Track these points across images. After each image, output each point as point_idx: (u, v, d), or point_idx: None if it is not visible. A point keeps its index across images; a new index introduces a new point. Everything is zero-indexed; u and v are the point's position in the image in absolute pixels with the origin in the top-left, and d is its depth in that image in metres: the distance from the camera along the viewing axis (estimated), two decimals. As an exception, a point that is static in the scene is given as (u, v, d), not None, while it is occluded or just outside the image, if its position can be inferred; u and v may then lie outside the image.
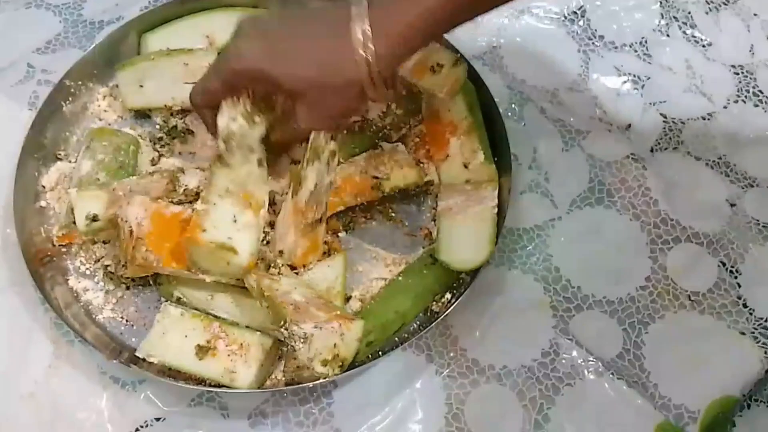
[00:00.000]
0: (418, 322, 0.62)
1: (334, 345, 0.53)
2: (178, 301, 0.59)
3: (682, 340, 0.63)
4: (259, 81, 0.54)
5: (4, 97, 0.72)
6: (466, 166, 0.65)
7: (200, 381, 0.56)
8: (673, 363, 0.62)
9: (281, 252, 0.59)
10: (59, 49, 0.76)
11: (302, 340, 0.53)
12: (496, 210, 0.63)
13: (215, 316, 0.58)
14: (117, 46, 0.72)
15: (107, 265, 0.62)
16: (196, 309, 0.59)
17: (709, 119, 0.75)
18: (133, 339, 0.59)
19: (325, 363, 0.53)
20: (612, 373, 0.61)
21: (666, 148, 0.73)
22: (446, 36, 0.70)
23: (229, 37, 0.55)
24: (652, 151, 0.73)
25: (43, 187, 0.65)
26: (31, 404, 0.57)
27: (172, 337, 0.57)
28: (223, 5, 0.74)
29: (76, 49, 0.76)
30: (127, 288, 0.62)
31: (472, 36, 0.79)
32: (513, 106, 0.74)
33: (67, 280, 0.62)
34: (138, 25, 0.72)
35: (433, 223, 0.66)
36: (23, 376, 0.58)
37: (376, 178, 0.65)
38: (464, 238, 0.63)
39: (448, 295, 0.62)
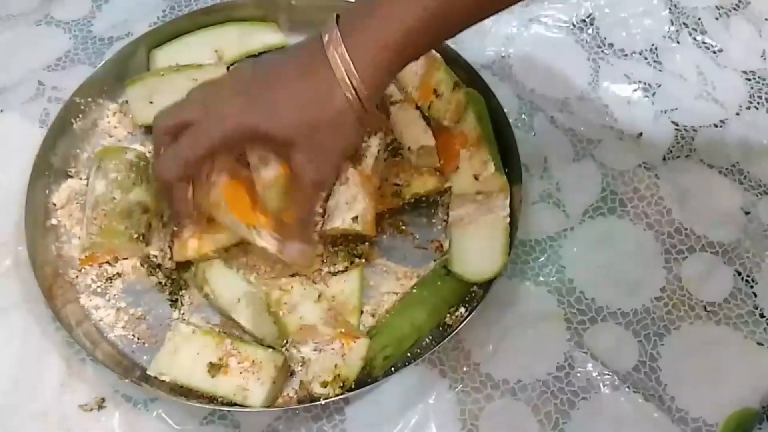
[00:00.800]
0: (430, 337, 0.61)
1: (335, 366, 0.53)
2: (206, 297, 0.60)
3: (698, 352, 0.62)
4: (251, 140, 0.53)
5: (15, 114, 0.72)
6: (476, 178, 0.65)
7: (212, 399, 0.56)
8: (690, 375, 0.61)
9: (355, 218, 0.58)
10: (69, 66, 0.77)
11: (300, 363, 0.52)
12: (508, 219, 0.63)
13: (226, 333, 0.58)
14: (126, 63, 0.72)
15: (153, 256, 0.62)
16: (219, 312, 0.60)
17: (721, 126, 0.75)
18: (145, 357, 0.59)
19: (324, 384, 0.53)
20: (628, 386, 0.60)
21: (678, 156, 0.73)
22: (454, 47, 0.70)
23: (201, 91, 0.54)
24: (664, 159, 0.72)
25: (54, 204, 0.65)
26: (44, 423, 0.57)
27: (183, 354, 0.56)
28: (231, 20, 0.74)
29: (86, 66, 0.76)
30: (162, 283, 0.62)
31: (480, 46, 0.78)
32: (523, 116, 0.74)
33: (78, 297, 0.62)
34: (147, 41, 0.73)
35: (444, 235, 0.66)
36: (35, 394, 0.58)
37: (397, 185, 0.64)
38: (477, 249, 0.62)
39: (462, 309, 0.62)
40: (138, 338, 0.60)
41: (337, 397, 0.54)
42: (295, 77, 0.52)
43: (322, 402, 0.54)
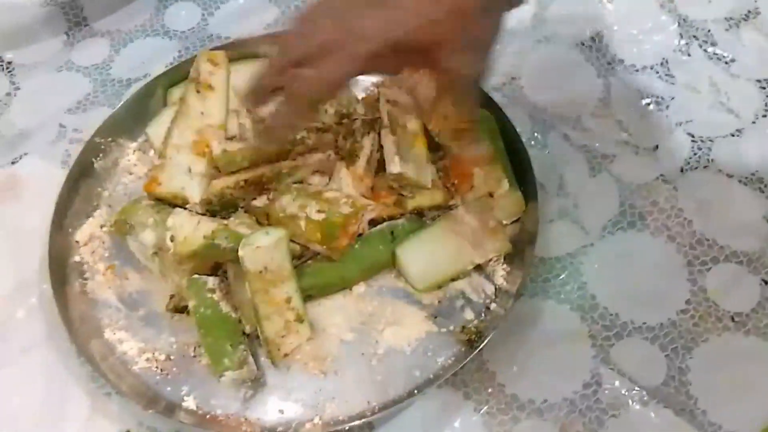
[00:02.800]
0: (453, 358, 0.61)
1: None
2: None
3: (728, 364, 0.61)
4: (400, 51, 0.49)
5: (38, 157, 0.74)
6: (491, 195, 0.65)
7: (239, 428, 0.56)
8: (720, 388, 0.59)
9: None
10: (90, 108, 0.79)
11: None
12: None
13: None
14: (144, 102, 0.74)
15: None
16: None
17: (738, 135, 0.74)
18: (168, 389, 0.59)
19: None
20: (658, 402, 0.59)
21: (696, 168, 0.72)
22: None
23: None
24: (682, 171, 0.72)
25: (77, 242, 0.67)
26: (70, 458, 0.57)
27: None
28: (245, 57, 0.75)
29: (106, 108, 0.78)
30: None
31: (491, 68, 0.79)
32: (536, 134, 0.74)
33: (103, 332, 0.62)
34: (164, 80, 0.75)
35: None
36: (61, 429, 0.58)
37: (402, 195, 0.65)
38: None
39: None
40: (162, 370, 0.60)
41: (361, 421, 0.53)
42: None
43: (346, 427, 0.53)
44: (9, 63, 0.83)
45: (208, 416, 0.57)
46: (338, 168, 0.61)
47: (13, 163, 0.74)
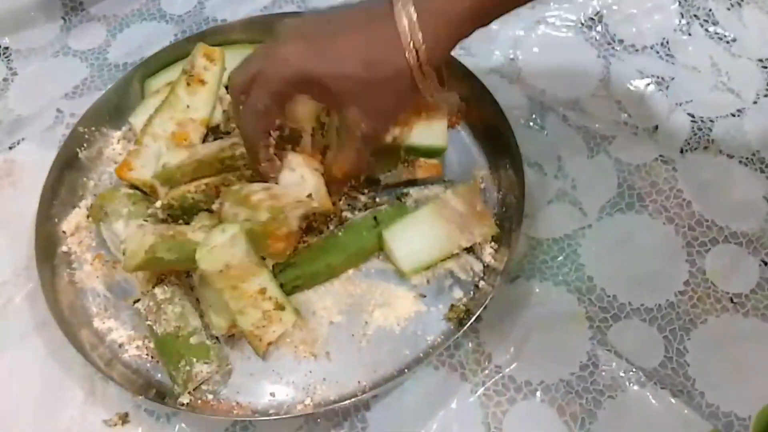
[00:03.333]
0: (442, 336, 0.61)
1: None
2: None
3: (726, 345, 0.60)
4: (307, 87, 0.52)
5: (35, 142, 0.74)
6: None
7: (231, 412, 0.56)
8: (719, 369, 0.59)
9: (309, 195, 0.59)
10: (86, 93, 0.79)
11: None
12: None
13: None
14: (126, 91, 0.74)
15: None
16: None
17: (739, 116, 0.73)
18: (159, 375, 0.60)
19: None
20: (655, 383, 0.59)
21: (696, 148, 0.71)
22: (459, 52, 0.70)
23: (266, 44, 0.54)
24: (681, 152, 0.71)
25: (64, 232, 0.66)
26: (69, 441, 0.58)
27: None
28: (220, 44, 0.73)
29: (102, 92, 0.78)
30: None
31: (487, 50, 0.78)
32: (534, 116, 0.73)
33: (92, 321, 0.62)
34: (141, 70, 0.74)
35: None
36: (59, 412, 0.59)
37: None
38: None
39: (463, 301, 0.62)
40: (152, 357, 0.60)
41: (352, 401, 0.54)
42: (357, 29, 0.51)
43: (337, 408, 0.53)
44: (6, 48, 0.83)
45: (200, 401, 0.57)
46: (284, 155, 0.60)
47: (10, 148, 0.74)
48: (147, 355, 0.61)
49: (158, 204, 0.63)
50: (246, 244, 0.56)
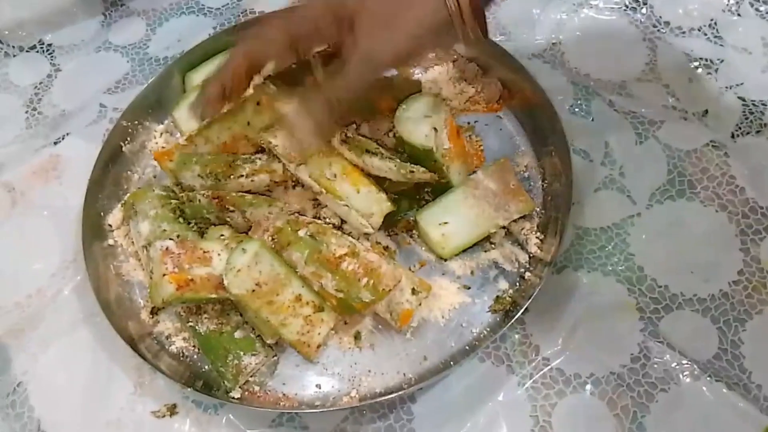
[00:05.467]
0: (488, 328, 0.60)
1: None
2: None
3: (784, 336, 0.58)
4: (324, 14, 0.52)
5: (79, 138, 0.75)
6: None
7: (277, 403, 0.56)
8: (777, 361, 0.57)
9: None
10: (128, 88, 0.80)
11: None
12: None
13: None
14: (167, 85, 0.74)
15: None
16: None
17: (794, 98, 0.70)
18: (206, 367, 0.60)
19: None
20: (709, 376, 0.57)
21: (748, 133, 0.69)
22: (499, 37, 0.68)
23: None
24: (733, 136, 0.69)
25: (110, 225, 0.67)
26: (117, 430, 0.58)
27: None
28: None
29: (144, 86, 0.78)
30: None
31: (530, 35, 0.77)
32: (579, 101, 0.72)
33: (139, 313, 0.63)
34: (180, 65, 0.74)
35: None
36: (108, 402, 0.60)
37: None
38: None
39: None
40: (199, 349, 0.61)
41: (397, 393, 0.53)
42: None
43: (388, 397, 0.53)
44: (49, 45, 0.84)
45: (247, 392, 0.57)
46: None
47: (55, 143, 0.75)
48: (194, 347, 0.61)
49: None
50: (270, 257, 0.56)
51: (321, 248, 0.58)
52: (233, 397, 0.56)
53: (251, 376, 0.58)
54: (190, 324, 0.60)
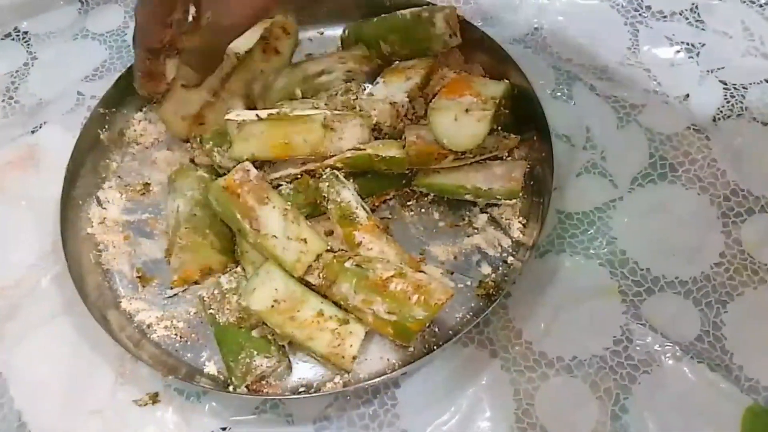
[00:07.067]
0: (471, 313, 0.60)
1: None
2: None
3: (765, 318, 0.59)
4: None
5: (56, 126, 0.74)
6: None
7: (261, 390, 0.56)
8: (757, 342, 0.58)
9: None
10: (107, 75, 0.79)
11: None
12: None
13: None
14: None
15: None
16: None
17: (773, 81, 0.71)
18: (189, 355, 0.60)
19: None
20: (692, 357, 0.57)
21: (729, 116, 0.69)
22: (480, 22, 0.68)
23: None
24: (714, 120, 0.69)
25: (89, 215, 0.66)
26: (99, 420, 0.58)
27: None
28: None
29: (122, 74, 0.77)
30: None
31: (511, 20, 0.76)
32: (561, 86, 0.72)
33: (119, 302, 0.62)
34: None
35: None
36: (89, 392, 0.59)
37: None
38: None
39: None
40: (181, 337, 0.60)
41: (381, 378, 0.53)
42: None
43: (372, 382, 0.53)
44: (25, 33, 0.83)
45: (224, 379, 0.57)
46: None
47: (32, 132, 0.74)
48: (176, 335, 0.60)
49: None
50: (282, 274, 0.57)
51: (368, 274, 0.57)
52: (214, 385, 0.56)
53: (262, 380, 0.57)
54: (211, 311, 0.59)
